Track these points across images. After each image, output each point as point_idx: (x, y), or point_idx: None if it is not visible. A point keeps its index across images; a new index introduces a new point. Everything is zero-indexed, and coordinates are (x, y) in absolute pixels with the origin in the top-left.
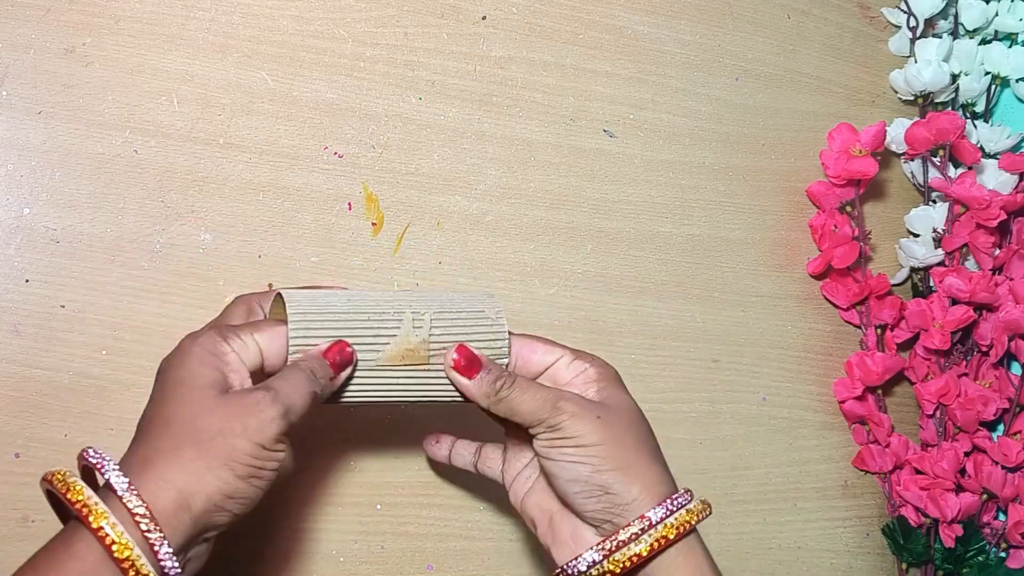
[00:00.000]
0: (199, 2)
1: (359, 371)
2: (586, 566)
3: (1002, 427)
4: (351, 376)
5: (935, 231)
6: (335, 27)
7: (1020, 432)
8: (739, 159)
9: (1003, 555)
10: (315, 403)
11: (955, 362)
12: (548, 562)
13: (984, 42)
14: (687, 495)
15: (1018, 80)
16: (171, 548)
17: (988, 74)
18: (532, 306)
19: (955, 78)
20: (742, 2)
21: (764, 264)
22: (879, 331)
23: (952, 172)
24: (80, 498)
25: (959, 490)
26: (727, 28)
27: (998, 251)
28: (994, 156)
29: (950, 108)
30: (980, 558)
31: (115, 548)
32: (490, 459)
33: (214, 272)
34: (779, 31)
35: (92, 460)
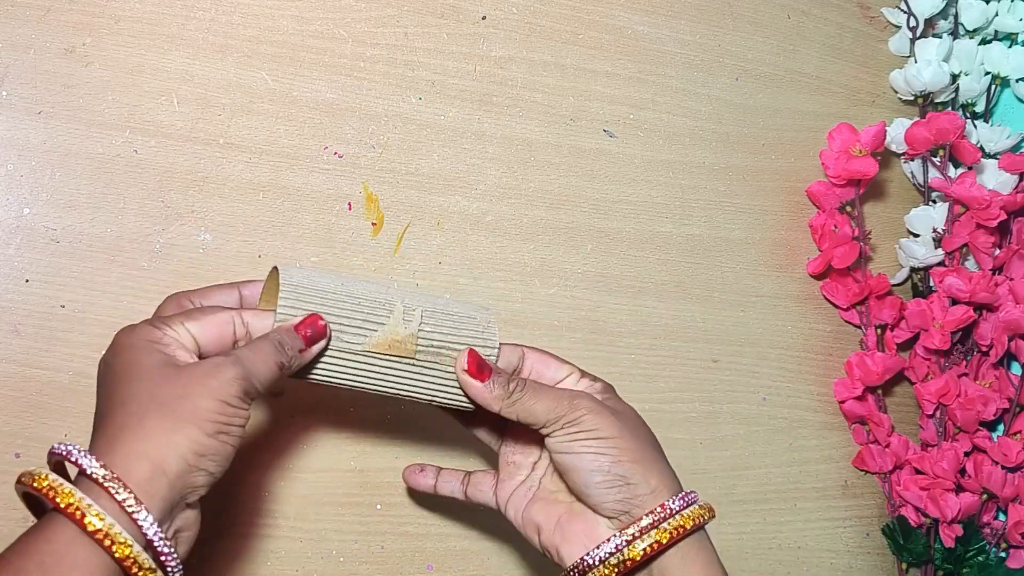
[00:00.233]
0: (199, 2)
1: (345, 353)
2: (607, 553)
3: (1002, 427)
4: (340, 357)
5: (935, 231)
6: (335, 27)
7: (1020, 432)
8: (739, 159)
9: (1003, 555)
10: (283, 374)
11: (955, 362)
12: (553, 564)
13: (984, 42)
14: (696, 494)
15: (1018, 80)
16: (153, 516)
17: (988, 74)
18: (532, 306)
19: (955, 78)
20: (742, 2)
21: (764, 264)
22: (879, 331)
23: (952, 172)
24: (45, 483)
25: (959, 490)
26: (727, 28)
27: (998, 251)
28: (994, 156)
29: (950, 108)
30: (980, 558)
31: (86, 521)
32: (481, 484)
33: (214, 272)
34: (779, 31)
35: (59, 451)
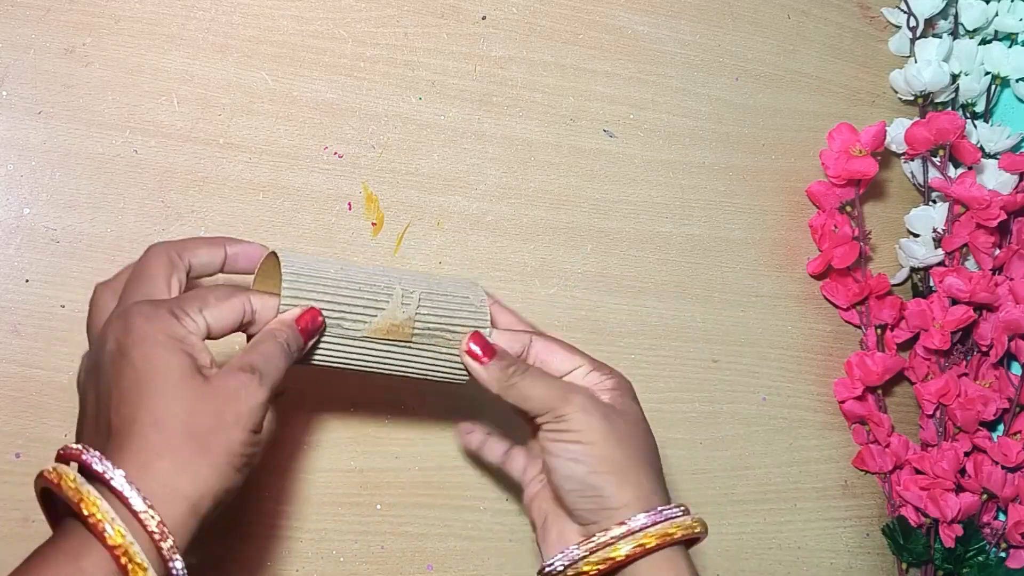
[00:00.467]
0: (199, 2)
1: (345, 339)
2: (563, 565)
3: (1002, 427)
4: (338, 342)
5: (935, 231)
6: (335, 27)
7: (1020, 432)
8: (739, 159)
9: (1003, 555)
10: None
11: (955, 362)
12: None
13: (984, 42)
14: (678, 509)
15: (1018, 80)
16: (182, 562)
17: (988, 74)
18: (532, 306)
19: (955, 78)
20: (742, 2)
21: (764, 264)
22: (879, 331)
23: (952, 172)
24: (95, 513)
25: (959, 490)
26: (727, 28)
27: (998, 251)
28: (994, 156)
29: (950, 108)
30: (980, 558)
31: (130, 569)
32: (516, 459)
33: None
34: (779, 31)
35: (95, 468)
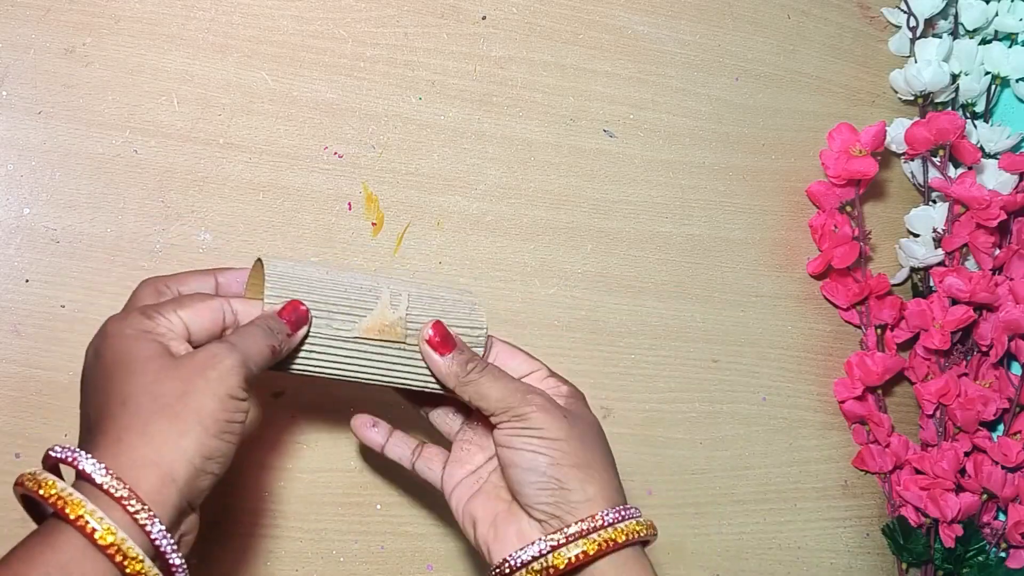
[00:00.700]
0: (199, 2)
1: (336, 340)
2: (530, 557)
3: (1002, 427)
4: (329, 344)
5: (935, 231)
6: (335, 27)
7: (1020, 432)
8: (739, 159)
9: (1003, 555)
10: (275, 358)
11: (955, 362)
12: (484, 562)
13: (984, 42)
14: (637, 510)
15: (1018, 80)
16: (164, 526)
17: (988, 74)
18: (532, 306)
19: (955, 78)
20: (742, 2)
21: (764, 264)
22: (879, 331)
23: (952, 172)
24: (53, 492)
25: (959, 490)
26: (727, 28)
27: (998, 251)
28: (994, 156)
29: (950, 108)
30: (980, 558)
31: (98, 535)
32: (432, 461)
33: None
34: (779, 31)
35: (60, 455)
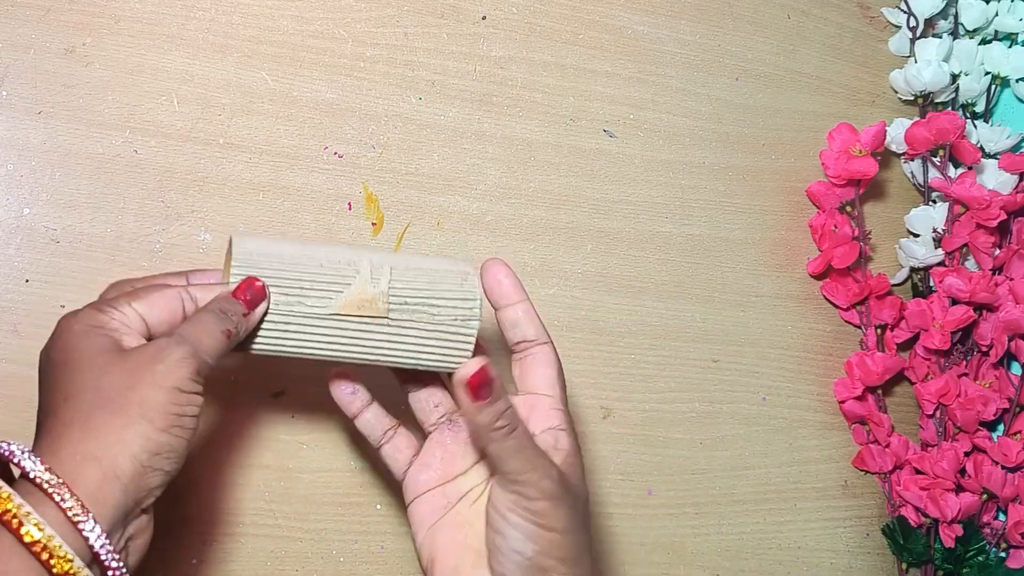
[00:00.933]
0: (199, 2)
1: (312, 319)
2: None
3: (1002, 427)
4: (308, 323)
5: (935, 231)
6: (335, 27)
7: (1020, 432)
8: (739, 159)
9: (1003, 555)
10: (231, 342)
11: (955, 362)
12: None
13: (984, 42)
14: None
15: (1018, 80)
16: (101, 525)
17: (988, 74)
18: None
19: (955, 78)
20: (742, 2)
21: (764, 264)
22: (879, 331)
23: (952, 172)
24: (9, 508)
25: (959, 490)
26: (727, 28)
27: (998, 251)
28: (994, 156)
29: (950, 108)
30: (980, 558)
31: (23, 531)
32: (399, 451)
33: None
34: (779, 31)
35: (1, 451)
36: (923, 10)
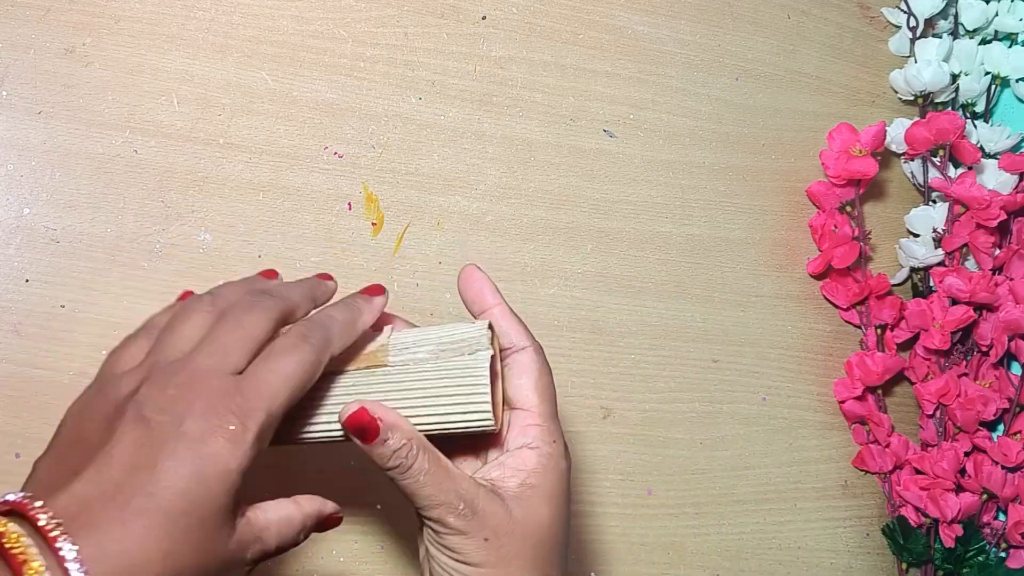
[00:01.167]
0: (199, 2)
1: (320, 418)
2: None
3: (1002, 427)
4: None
5: (935, 231)
6: (335, 27)
7: (1020, 432)
8: (739, 159)
9: (1003, 555)
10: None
11: (955, 362)
12: None
13: (984, 42)
14: None
15: (1018, 80)
16: None
17: (988, 74)
18: (532, 306)
19: (955, 78)
20: (742, 2)
21: (764, 264)
22: (879, 331)
23: (952, 172)
24: (18, 547)
25: (959, 490)
26: (727, 28)
27: (998, 251)
28: (994, 156)
29: (950, 108)
30: (980, 558)
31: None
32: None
33: (214, 272)
34: (779, 31)
35: (69, 569)
36: (923, 10)
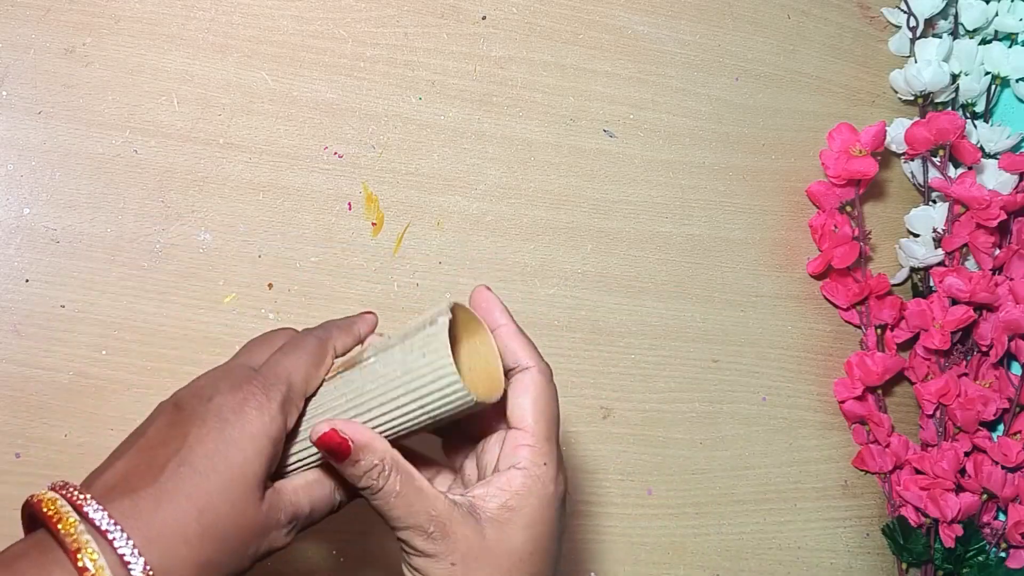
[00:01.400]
0: (199, 2)
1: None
2: None
3: (1002, 427)
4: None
5: (935, 231)
6: (335, 27)
7: (1020, 432)
8: (739, 159)
9: (1003, 555)
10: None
11: (955, 362)
12: None
13: (984, 42)
14: None
15: (1018, 80)
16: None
17: (988, 74)
18: (532, 306)
19: (955, 78)
20: (742, 2)
21: (764, 264)
22: (879, 331)
23: (952, 172)
24: (72, 534)
25: (959, 490)
26: (727, 28)
27: (998, 251)
28: (994, 156)
29: (950, 108)
30: (980, 558)
31: (79, 560)
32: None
33: (214, 272)
34: (779, 31)
35: (103, 527)
36: (923, 10)
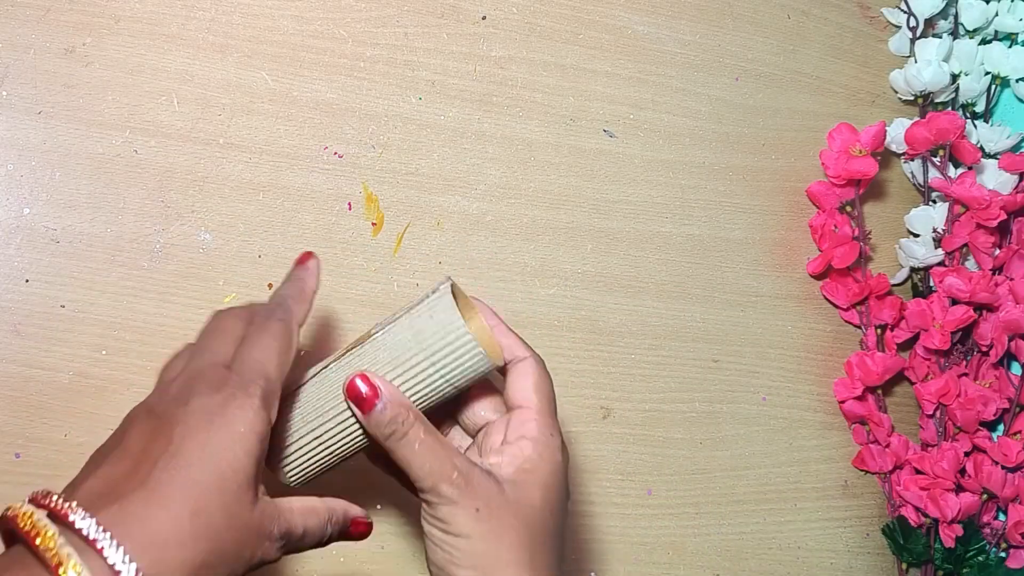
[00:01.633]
0: (199, 2)
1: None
2: None
3: (1002, 427)
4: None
5: (935, 231)
6: (335, 27)
7: (1020, 432)
8: (739, 159)
9: (1003, 555)
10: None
11: (955, 362)
12: None
13: (984, 42)
14: None
15: (1018, 80)
16: None
17: (988, 74)
18: (532, 306)
19: (955, 78)
20: (742, 2)
21: (764, 264)
22: (879, 331)
23: (952, 172)
24: (52, 548)
25: (959, 490)
26: (727, 28)
27: (998, 251)
28: (994, 156)
29: (950, 108)
30: (980, 558)
31: (61, 572)
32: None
33: (214, 272)
34: (779, 31)
35: (90, 536)
36: (923, 10)
